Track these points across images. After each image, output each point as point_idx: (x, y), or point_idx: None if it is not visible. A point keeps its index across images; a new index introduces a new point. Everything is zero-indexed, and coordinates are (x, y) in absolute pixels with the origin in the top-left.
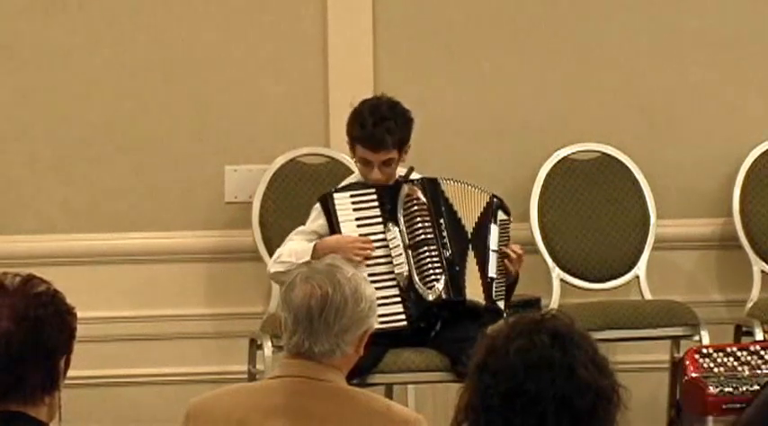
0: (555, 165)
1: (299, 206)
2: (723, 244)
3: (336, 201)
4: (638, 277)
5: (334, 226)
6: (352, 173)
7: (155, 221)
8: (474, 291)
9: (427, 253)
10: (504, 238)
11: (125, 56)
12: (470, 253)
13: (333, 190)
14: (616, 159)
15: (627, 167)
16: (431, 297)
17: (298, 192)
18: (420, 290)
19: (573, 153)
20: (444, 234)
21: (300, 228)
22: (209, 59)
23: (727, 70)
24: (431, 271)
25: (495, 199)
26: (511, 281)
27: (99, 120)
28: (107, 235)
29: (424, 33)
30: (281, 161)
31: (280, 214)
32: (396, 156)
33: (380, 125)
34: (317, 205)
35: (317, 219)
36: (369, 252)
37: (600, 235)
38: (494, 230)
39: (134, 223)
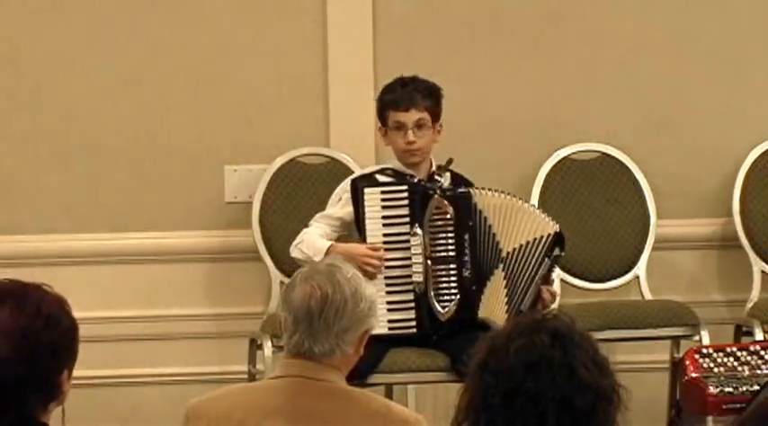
0: (555, 165)
1: (299, 206)
2: (723, 244)
3: (366, 196)
4: (638, 277)
5: (359, 221)
6: (353, 172)
7: (155, 221)
8: (494, 312)
9: (445, 271)
10: (550, 274)
11: (124, 56)
12: (499, 272)
13: (364, 183)
14: (616, 159)
15: (627, 167)
16: (443, 318)
17: (298, 192)
18: (433, 306)
19: (573, 153)
20: (466, 251)
21: (327, 212)
22: (208, 60)
23: (727, 70)
24: (446, 290)
25: (558, 234)
26: None
27: (99, 121)
28: (107, 235)
29: (424, 34)
30: (281, 161)
31: (280, 214)
32: (428, 121)
33: (409, 85)
34: (348, 188)
35: (345, 206)
36: (378, 267)
37: (600, 235)
38: (545, 265)
39: (134, 223)
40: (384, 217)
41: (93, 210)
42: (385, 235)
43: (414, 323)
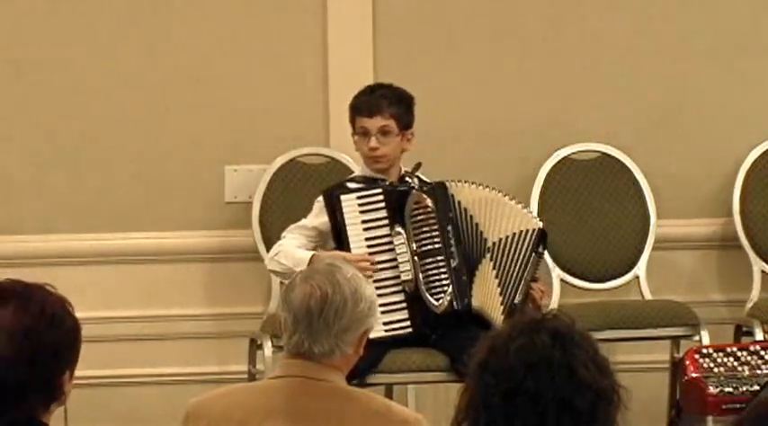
0: (555, 165)
1: (298, 206)
2: (723, 244)
3: (343, 204)
4: (638, 277)
5: (339, 229)
6: (352, 172)
7: (155, 221)
8: (488, 304)
9: (434, 264)
10: (537, 270)
11: (124, 56)
12: (487, 262)
13: (338, 191)
14: (616, 159)
15: (627, 167)
16: (438, 310)
17: (298, 192)
18: (427, 302)
19: (573, 153)
20: (452, 242)
21: (302, 222)
22: (208, 59)
23: (727, 70)
24: (437, 283)
25: (542, 231)
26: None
27: (99, 120)
28: (107, 234)
29: (424, 33)
30: (281, 161)
31: (280, 214)
32: (394, 128)
33: (375, 92)
34: (320, 199)
35: (319, 216)
36: (371, 270)
37: (600, 235)
38: (534, 260)
39: (134, 223)
40: (364, 222)
41: (94, 210)
42: (367, 239)
43: (408, 323)
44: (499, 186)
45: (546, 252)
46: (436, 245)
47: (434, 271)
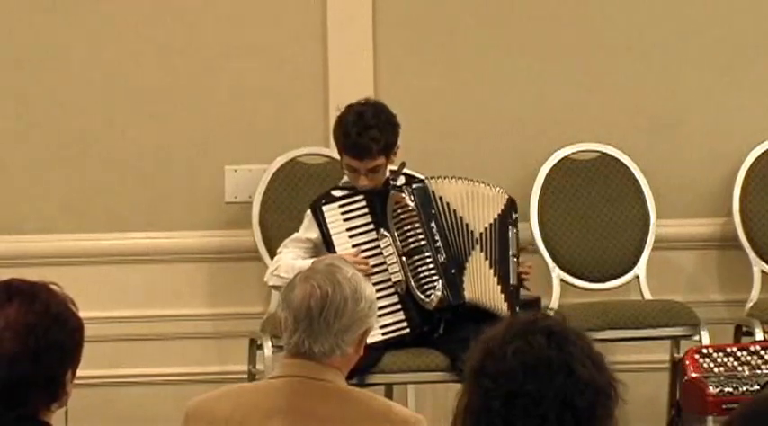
0: (555, 165)
1: (298, 206)
2: (723, 244)
3: (326, 214)
4: (638, 277)
5: (326, 238)
6: None
7: (155, 221)
8: (488, 295)
9: (421, 261)
10: (517, 239)
11: (125, 56)
12: (477, 254)
13: (322, 201)
14: (616, 159)
15: (627, 167)
16: (430, 306)
17: (298, 192)
18: (418, 299)
19: (573, 153)
20: (437, 238)
21: (295, 236)
22: (208, 59)
23: (727, 70)
24: (427, 279)
25: (511, 200)
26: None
27: (99, 120)
28: (107, 235)
29: (423, 34)
30: (281, 161)
31: (280, 214)
32: (383, 162)
33: (365, 134)
34: (309, 212)
35: (310, 228)
36: (367, 271)
37: (600, 235)
38: (512, 234)
39: (134, 223)
40: (348, 230)
41: (93, 210)
42: (354, 246)
43: (405, 324)
44: (499, 186)
45: (544, 249)
46: (421, 242)
47: (423, 268)
